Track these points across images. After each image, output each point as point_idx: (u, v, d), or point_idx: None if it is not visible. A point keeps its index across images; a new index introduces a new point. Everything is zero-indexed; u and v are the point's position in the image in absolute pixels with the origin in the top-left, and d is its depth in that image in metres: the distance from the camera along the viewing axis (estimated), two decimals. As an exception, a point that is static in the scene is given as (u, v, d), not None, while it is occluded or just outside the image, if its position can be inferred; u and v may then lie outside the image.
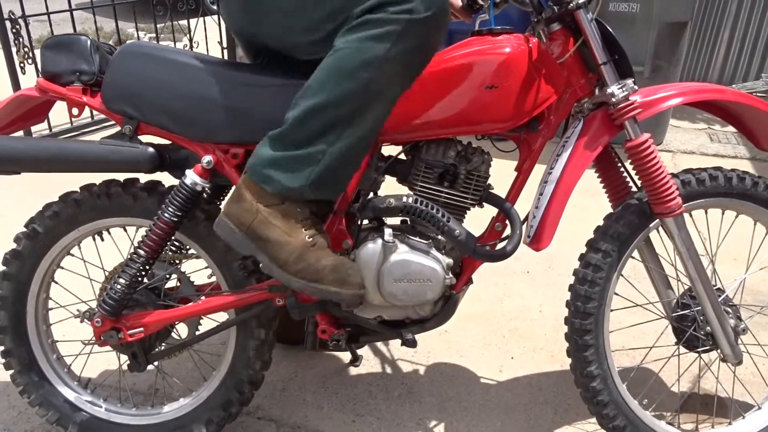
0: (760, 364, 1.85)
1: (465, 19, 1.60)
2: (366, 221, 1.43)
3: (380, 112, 1.23)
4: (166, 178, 1.38)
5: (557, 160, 1.36)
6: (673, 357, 1.64)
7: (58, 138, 1.44)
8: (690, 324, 1.48)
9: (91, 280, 1.68)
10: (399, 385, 1.82)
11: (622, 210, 1.41)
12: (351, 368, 1.89)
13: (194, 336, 1.53)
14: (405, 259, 1.34)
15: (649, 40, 3.42)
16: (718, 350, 1.47)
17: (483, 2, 1.49)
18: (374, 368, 1.89)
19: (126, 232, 1.58)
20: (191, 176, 1.32)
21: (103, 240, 1.54)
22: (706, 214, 1.55)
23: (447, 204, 1.39)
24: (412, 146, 1.40)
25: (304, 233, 1.26)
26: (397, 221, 1.44)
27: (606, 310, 1.44)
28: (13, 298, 1.48)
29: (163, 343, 1.55)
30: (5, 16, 3.40)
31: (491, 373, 1.88)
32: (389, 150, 1.42)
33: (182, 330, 1.60)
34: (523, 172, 1.42)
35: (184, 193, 1.33)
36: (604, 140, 1.34)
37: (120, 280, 1.37)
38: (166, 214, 1.33)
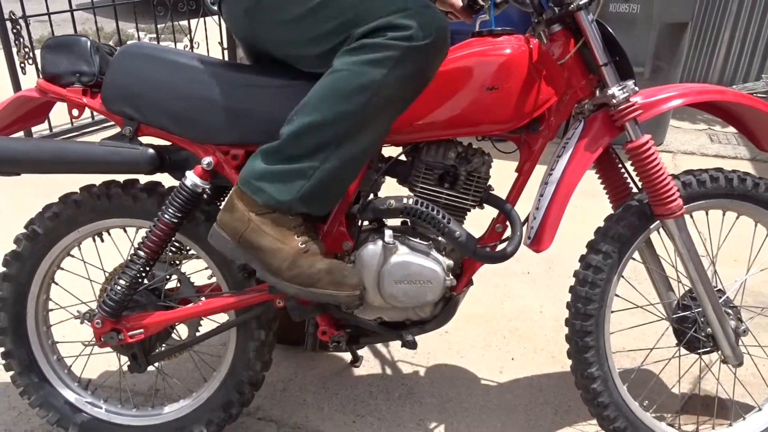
0: (760, 366, 1.85)
1: (465, 20, 1.60)
2: (366, 222, 1.43)
3: (374, 134, 1.24)
4: (166, 179, 1.38)
5: (558, 161, 1.36)
6: (674, 358, 1.64)
7: (58, 139, 1.43)
8: (691, 325, 1.48)
9: (91, 281, 1.68)
10: (399, 386, 1.82)
11: (623, 211, 1.41)
12: (351, 369, 1.89)
13: (194, 337, 1.53)
14: (405, 260, 1.34)
15: (650, 41, 3.42)
16: (719, 351, 1.47)
17: (483, 3, 1.49)
18: (375, 369, 1.89)
19: (126, 233, 1.58)
20: (191, 177, 1.32)
21: (103, 241, 1.54)
22: (706, 216, 1.55)
23: (447, 205, 1.39)
24: (413, 147, 1.40)
25: (296, 240, 1.26)
26: (397, 222, 1.44)
27: (606, 312, 1.44)
28: (13, 299, 1.48)
29: (164, 344, 1.55)
30: (6, 16, 3.40)
31: (492, 374, 1.88)
32: (389, 151, 1.42)
33: (182, 331, 1.60)
34: (523, 174, 1.42)
35: (185, 194, 1.33)
36: (604, 141, 1.34)
37: (120, 281, 1.37)
38: (166, 216, 1.33)
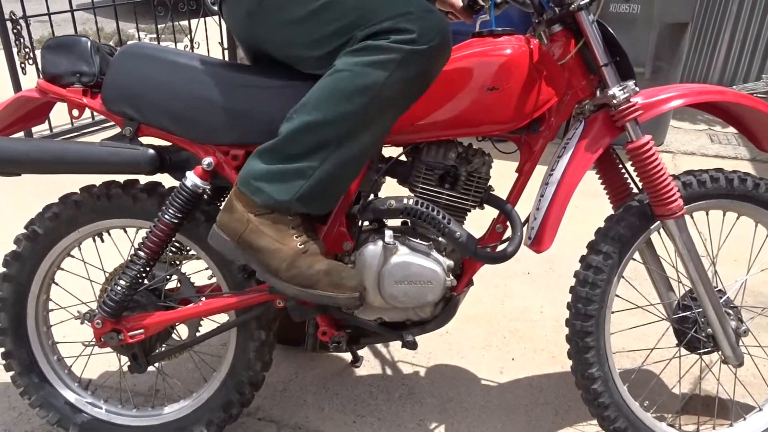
0: (761, 366, 1.85)
1: (466, 20, 1.60)
2: (366, 223, 1.43)
3: (375, 135, 1.23)
4: (167, 180, 1.38)
5: (558, 161, 1.36)
6: (674, 359, 1.64)
7: (58, 139, 1.43)
8: (691, 326, 1.48)
9: (91, 281, 1.68)
10: (400, 386, 1.82)
11: (623, 212, 1.41)
12: (352, 369, 1.89)
13: (195, 337, 1.53)
14: (405, 260, 1.34)
15: (650, 41, 3.42)
16: (719, 352, 1.47)
17: (484, 3, 1.49)
18: (375, 369, 1.89)
19: (126, 233, 1.58)
20: (191, 178, 1.32)
21: (103, 241, 1.54)
22: (707, 216, 1.55)
23: (448, 206, 1.39)
24: (413, 148, 1.40)
25: (295, 240, 1.26)
26: (397, 223, 1.44)
27: (607, 312, 1.43)
28: (13, 299, 1.48)
29: (164, 345, 1.55)
30: (6, 16, 3.40)
31: (492, 375, 1.88)
32: (390, 151, 1.42)
33: (183, 331, 1.60)
34: (524, 174, 1.42)
35: (185, 194, 1.33)
36: (605, 142, 1.34)
37: (120, 282, 1.37)
38: (166, 216, 1.33)
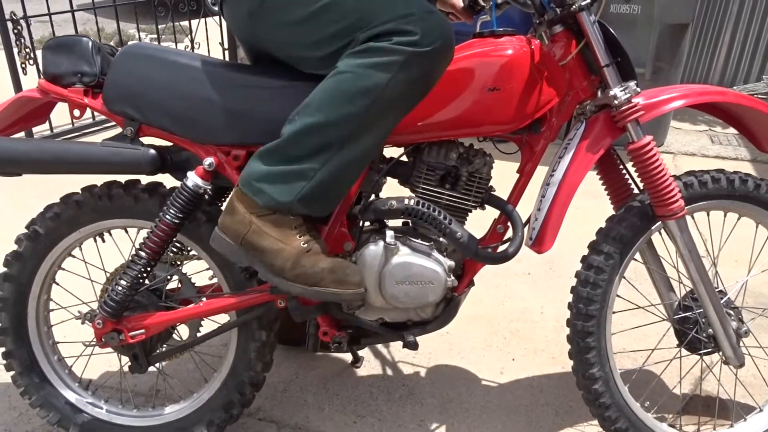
0: (761, 367, 1.85)
1: (466, 21, 1.60)
2: (368, 223, 1.43)
3: (376, 136, 1.24)
4: (168, 180, 1.38)
5: (559, 162, 1.36)
6: (675, 359, 1.64)
7: (59, 139, 1.43)
8: (692, 326, 1.48)
9: (92, 281, 1.68)
10: (400, 387, 1.82)
11: (624, 212, 1.41)
12: (352, 370, 1.89)
13: (195, 337, 1.53)
14: (407, 261, 1.34)
15: (651, 41, 3.43)
16: (720, 352, 1.47)
17: (485, 3, 1.49)
18: (375, 370, 1.89)
19: (127, 233, 1.58)
20: (193, 178, 1.32)
21: (104, 241, 1.54)
22: (708, 217, 1.55)
23: (449, 206, 1.39)
24: (414, 148, 1.40)
25: (298, 240, 1.26)
26: (398, 223, 1.44)
27: (608, 312, 1.43)
28: (14, 299, 1.48)
29: (165, 345, 1.55)
30: (7, 16, 3.40)
31: (492, 375, 1.88)
32: (391, 152, 1.42)
33: (183, 331, 1.60)
34: (525, 174, 1.42)
35: (186, 194, 1.33)
36: (606, 142, 1.34)
37: (121, 282, 1.37)
38: (167, 216, 1.33)
